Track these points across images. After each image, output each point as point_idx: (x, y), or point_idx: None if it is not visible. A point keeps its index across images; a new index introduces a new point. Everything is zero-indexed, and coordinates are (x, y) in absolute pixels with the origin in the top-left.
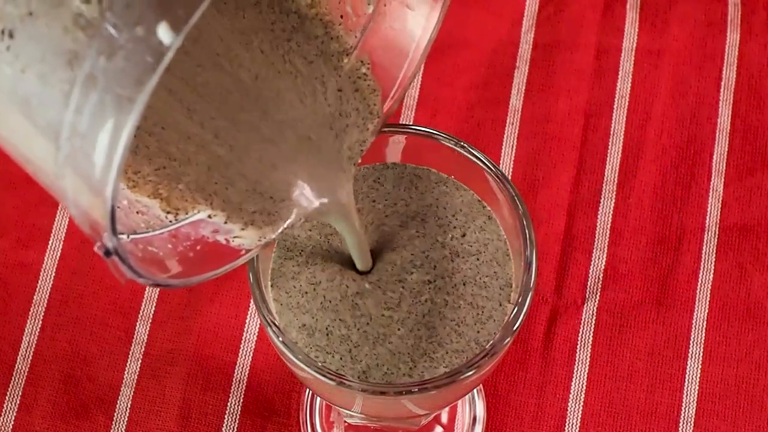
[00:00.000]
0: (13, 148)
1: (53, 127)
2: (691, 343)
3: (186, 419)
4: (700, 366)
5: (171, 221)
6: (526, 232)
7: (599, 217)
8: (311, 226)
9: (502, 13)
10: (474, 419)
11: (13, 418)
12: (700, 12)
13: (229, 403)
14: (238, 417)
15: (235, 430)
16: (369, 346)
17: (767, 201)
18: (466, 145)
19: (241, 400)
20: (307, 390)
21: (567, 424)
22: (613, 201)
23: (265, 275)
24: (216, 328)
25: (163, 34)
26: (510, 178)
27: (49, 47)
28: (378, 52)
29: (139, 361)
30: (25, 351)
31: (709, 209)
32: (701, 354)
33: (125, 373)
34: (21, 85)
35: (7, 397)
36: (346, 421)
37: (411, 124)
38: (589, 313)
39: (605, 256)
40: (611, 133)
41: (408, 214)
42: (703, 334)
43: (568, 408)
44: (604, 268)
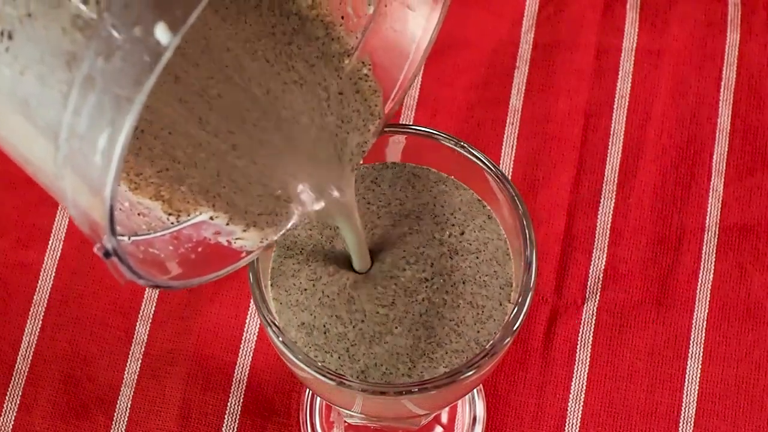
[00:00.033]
0: (13, 148)
1: (52, 127)
2: (691, 343)
3: (186, 419)
4: (700, 366)
5: (172, 223)
6: (526, 232)
7: (599, 217)
8: (311, 225)
9: (502, 13)
10: (474, 419)
11: (13, 418)
12: (700, 12)
13: (229, 403)
14: (238, 417)
15: (235, 430)
16: (366, 345)
17: (767, 201)
18: (466, 145)
19: (241, 400)
20: (307, 390)
21: (567, 424)
22: (613, 201)
23: (265, 274)
24: (216, 328)
25: (161, 34)
26: (510, 178)
27: (48, 48)
28: (379, 53)
29: (139, 361)
30: (25, 351)
31: (709, 209)
32: (701, 354)
33: (125, 373)
34: (20, 86)
35: (7, 397)
36: (346, 421)
37: (411, 124)
38: (589, 313)
39: (605, 256)
40: (611, 133)
41: (402, 213)
42: (703, 334)
43: (568, 408)
44: (604, 268)
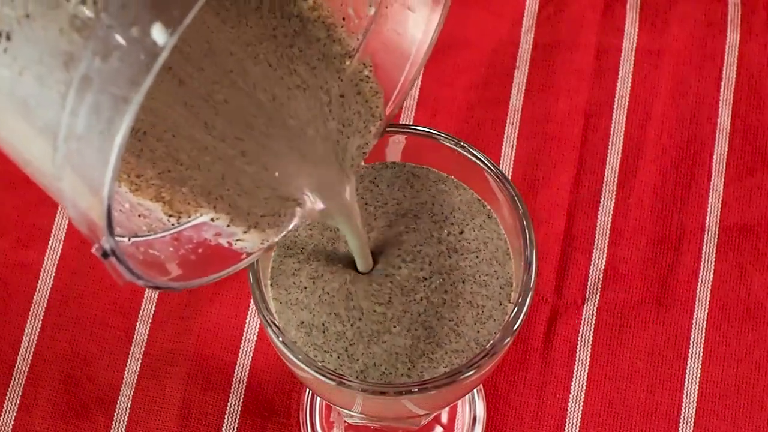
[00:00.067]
0: (13, 149)
1: (51, 128)
2: (691, 343)
3: (186, 419)
4: (700, 366)
5: (173, 224)
6: (526, 232)
7: (599, 217)
8: (312, 225)
9: (502, 13)
10: (474, 419)
11: (13, 418)
12: (700, 12)
13: (229, 403)
14: (238, 417)
15: (235, 430)
16: (364, 345)
17: (767, 201)
18: (466, 145)
19: (241, 400)
20: (307, 390)
21: (567, 424)
22: (613, 201)
23: (265, 274)
24: (216, 328)
25: (158, 34)
26: (510, 178)
27: (46, 49)
28: (380, 55)
29: (139, 361)
30: (25, 351)
31: (709, 209)
32: (701, 354)
33: (125, 373)
34: (19, 87)
35: (7, 397)
36: (346, 421)
37: (411, 124)
38: (589, 313)
39: (605, 256)
40: (611, 133)
41: (399, 213)
42: (703, 334)
43: (568, 408)
44: (604, 268)
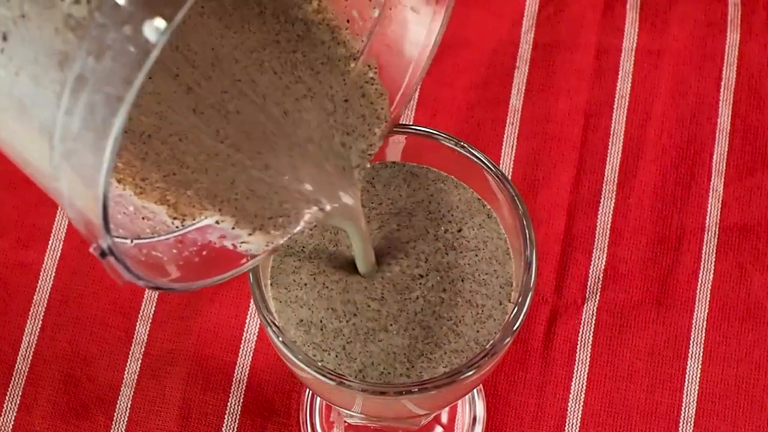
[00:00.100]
0: (12, 150)
1: (47, 128)
2: (691, 343)
3: (186, 419)
4: (700, 366)
5: (177, 227)
6: (526, 232)
7: (599, 217)
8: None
9: (502, 13)
10: (474, 419)
11: (13, 418)
12: (700, 12)
13: (229, 403)
14: (238, 417)
15: (235, 430)
16: (361, 343)
17: (767, 201)
18: (466, 145)
19: (241, 400)
20: (307, 390)
21: (567, 424)
22: (613, 201)
23: (265, 273)
24: (216, 328)
25: (150, 32)
26: (510, 178)
27: (42, 49)
28: (384, 56)
29: (139, 361)
30: (25, 351)
31: (709, 209)
32: (701, 354)
33: (125, 373)
34: (15, 87)
35: (7, 397)
36: (346, 421)
37: (411, 124)
38: (589, 313)
39: (605, 256)
40: (611, 133)
41: (392, 212)
42: (703, 334)
43: (568, 408)
44: (604, 268)
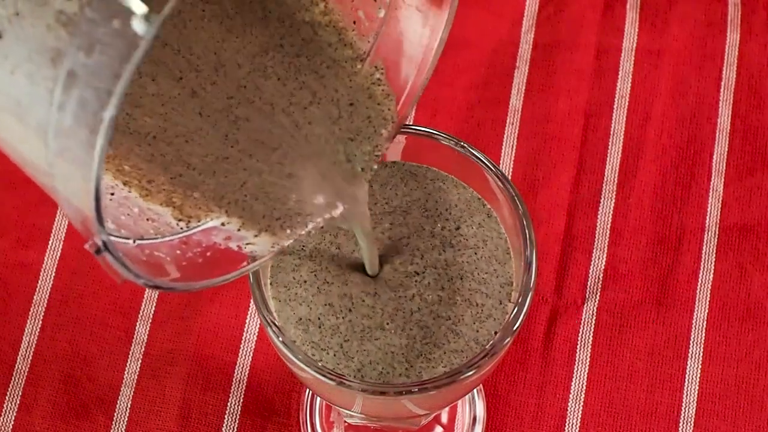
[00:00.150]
0: (13, 150)
1: (42, 126)
2: (691, 343)
3: (186, 419)
4: (700, 366)
5: (182, 228)
6: (526, 232)
7: (599, 217)
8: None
9: (502, 13)
10: (474, 419)
11: (13, 418)
12: (700, 12)
13: (229, 403)
14: (238, 417)
15: (235, 430)
16: (357, 341)
17: (767, 201)
18: (466, 145)
19: (241, 400)
20: (307, 390)
21: (567, 424)
22: (613, 201)
23: (265, 273)
24: (216, 328)
25: (138, 25)
26: (510, 178)
27: (35, 46)
28: (390, 57)
29: (139, 361)
30: (25, 351)
31: (709, 209)
32: (701, 354)
33: (125, 373)
34: (11, 86)
35: (7, 397)
36: (346, 421)
37: (411, 124)
38: (589, 313)
39: (605, 256)
40: (611, 133)
41: (386, 211)
42: (703, 334)
43: (568, 408)
44: (604, 268)
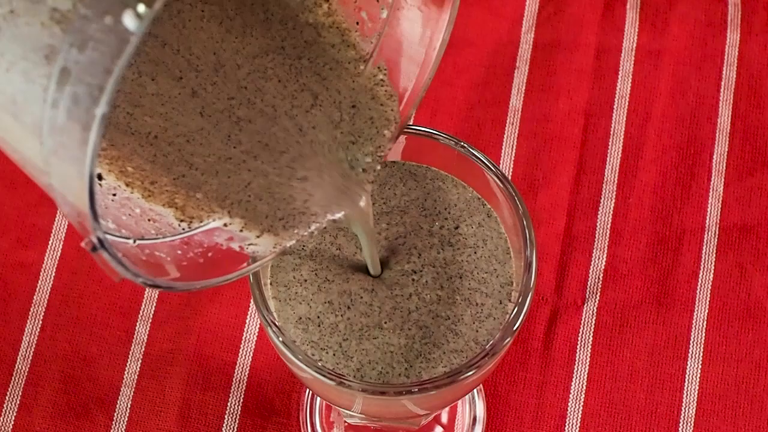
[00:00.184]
0: (12, 150)
1: (38, 123)
2: (691, 343)
3: (186, 419)
4: (700, 366)
5: (184, 229)
6: (526, 232)
7: (599, 217)
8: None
9: (502, 13)
10: (474, 419)
11: (13, 418)
12: (700, 12)
13: (229, 403)
14: (238, 417)
15: (235, 430)
16: (356, 340)
17: (767, 201)
18: (466, 144)
19: (241, 400)
20: (307, 390)
21: (567, 424)
22: (613, 201)
23: (264, 273)
24: (216, 328)
25: (129, 21)
26: (510, 178)
27: (30, 44)
28: (393, 58)
29: (139, 361)
30: (25, 351)
31: (709, 209)
32: (701, 354)
33: (125, 373)
34: (7, 84)
35: (7, 397)
36: (346, 421)
37: (411, 124)
38: (589, 313)
39: (605, 256)
40: (611, 133)
41: (384, 211)
42: (703, 334)
43: (568, 408)
44: (604, 268)
